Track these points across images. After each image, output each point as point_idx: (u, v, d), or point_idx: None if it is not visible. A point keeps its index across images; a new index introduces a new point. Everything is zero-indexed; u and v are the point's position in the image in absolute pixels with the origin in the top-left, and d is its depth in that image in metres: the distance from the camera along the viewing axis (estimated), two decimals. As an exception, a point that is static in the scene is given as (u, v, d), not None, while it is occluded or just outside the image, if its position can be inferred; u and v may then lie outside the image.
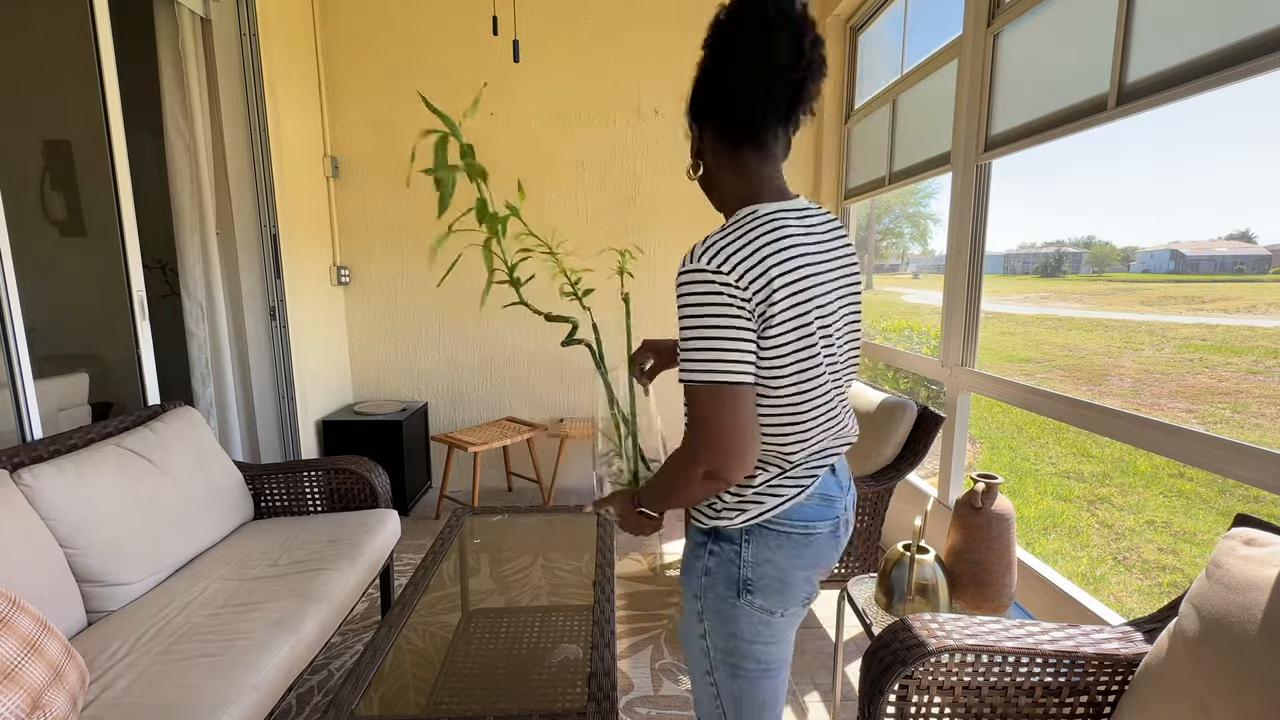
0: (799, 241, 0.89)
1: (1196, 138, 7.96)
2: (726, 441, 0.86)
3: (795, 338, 0.87)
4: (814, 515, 0.97)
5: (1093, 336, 7.48)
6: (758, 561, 0.95)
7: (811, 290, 0.88)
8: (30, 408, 1.87)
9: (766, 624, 0.97)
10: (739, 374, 0.85)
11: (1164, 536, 3.78)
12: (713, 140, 0.98)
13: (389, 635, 1.47)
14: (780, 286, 0.85)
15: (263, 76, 2.70)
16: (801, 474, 0.96)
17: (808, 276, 0.88)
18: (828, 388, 0.93)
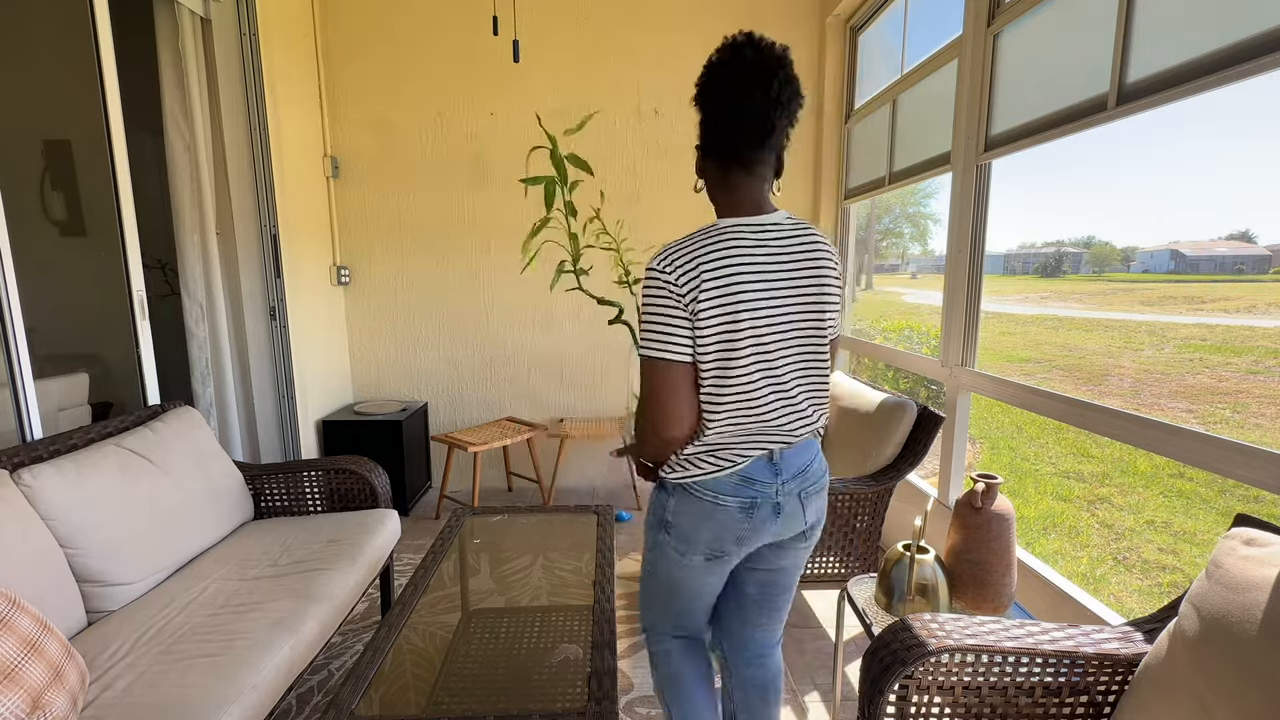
0: (740, 252, 1.07)
1: (1196, 138, 7.94)
2: (664, 406, 1.10)
3: (719, 331, 1.06)
4: (726, 491, 1.15)
5: (1092, 336, 7.48)
6: (675, 512, 1.21)
7: (744, 293, 1.06)
8: (30, 408, 1.87)
9: (674, 556, 1.24)
10: (675, 352, 1.07)
11: (1164, 536, 3.78)
12: (708, 163, 1.17)
13: (389, 635, 1.47)
14: (709, 286, 1.04)
15: (263, 76, 2.70)
16: (726, 454, 1.14)
17: (742, 281, 1.06)
18: (758, 380, 1.09)
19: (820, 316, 1.13)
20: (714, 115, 1.11)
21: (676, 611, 1.37)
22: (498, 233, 3.47)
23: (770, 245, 1.10)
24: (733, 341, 1.06)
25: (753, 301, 1.06)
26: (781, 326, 1.10)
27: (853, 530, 2.08)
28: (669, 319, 1.06)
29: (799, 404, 1.14)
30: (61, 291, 2.75)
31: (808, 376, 1.15)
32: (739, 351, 1.07)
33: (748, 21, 3.33)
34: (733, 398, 1.09)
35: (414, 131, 3.37)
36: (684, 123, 3.43)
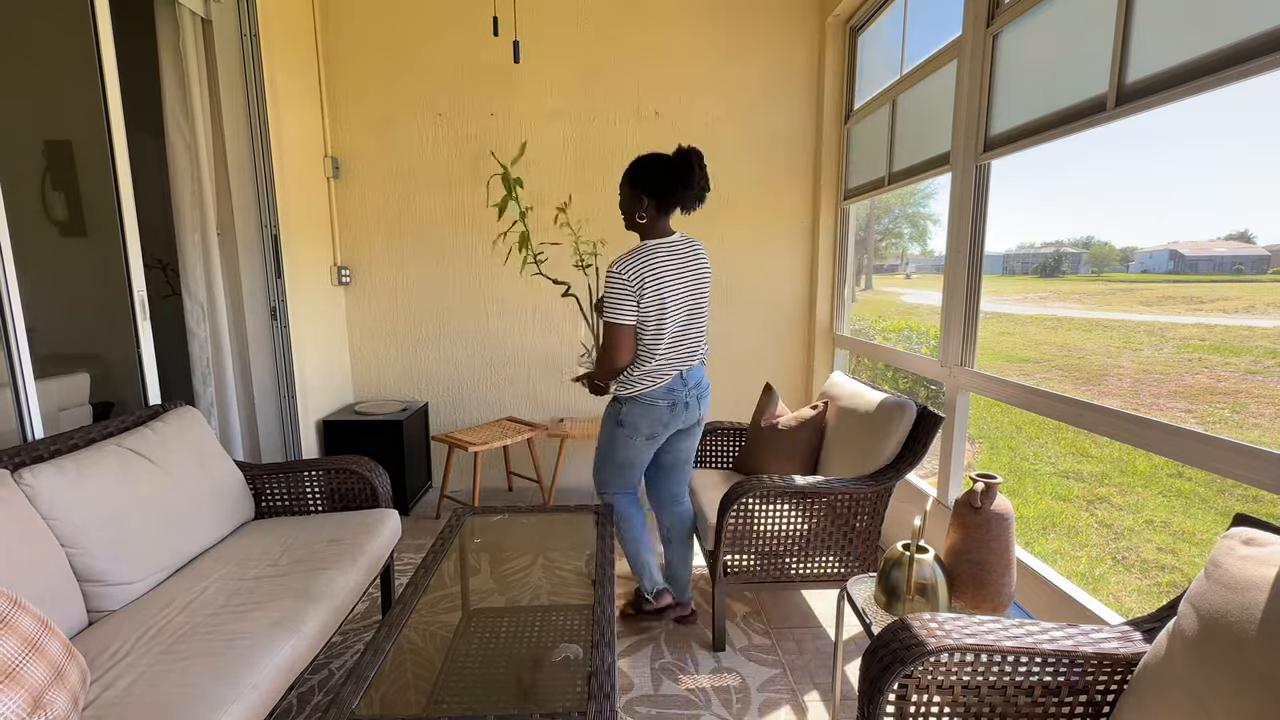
0: (663, 261, 1.92)
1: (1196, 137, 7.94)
2: (621, 349, 1.92)
3: (653, 307, 1.89)
4: (657, 396, 1.99)
5: (1092, 336, 7.48)
6: (627, 413, 2.02)
7: (664, 286, 1.90)
8: (31, 407, 1.87)
9: (627, 440, 2.04)
10: (625, 319, 1.88)
11: (1163, 536, 3.78)
12: (650, 206, 1.95)
13: (389, 635, 1.47)
14: (646, 281, 1.87)
15: (263, 76, 2.71)
16: (656, 375, 1.97)
17: (663, 279, 1.90)
18: (673, 333, 1.94)
19: (701, 292, 2.02)
20: (666, 187, 1.93)
21: (625, 475, 2.13)
22: (498, 233, 3.47)
23: (677, 256, 1.96)
24: (660, 314, 1.90)
25: (668, 291, 1.90)
26: (683, 300, 1.95)
27: (852, 530, 2.08)
28: (625, 300, 1.87)
29: (695, 343, 2.03)
30: (62, 291, 2.75)
31: (697, 327, 2.02)
32: (663, 319, 1.91)
33: (748, 22, 3.34)
34: (662, 344, 1.94)
35: (414, 132, 3.37)
36: (685, 124, 3.44)
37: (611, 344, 1.90)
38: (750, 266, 3.60)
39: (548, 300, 3.55)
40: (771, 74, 3.42)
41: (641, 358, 1.94)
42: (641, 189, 1.93)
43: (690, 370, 2.01)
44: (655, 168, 1.93)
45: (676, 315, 1.92)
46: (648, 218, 1.94)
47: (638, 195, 1.93)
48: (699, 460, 2.73)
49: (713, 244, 3.54)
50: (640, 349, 1.93)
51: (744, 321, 3.65)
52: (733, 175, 3.50)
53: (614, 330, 1.89)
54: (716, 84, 3.41)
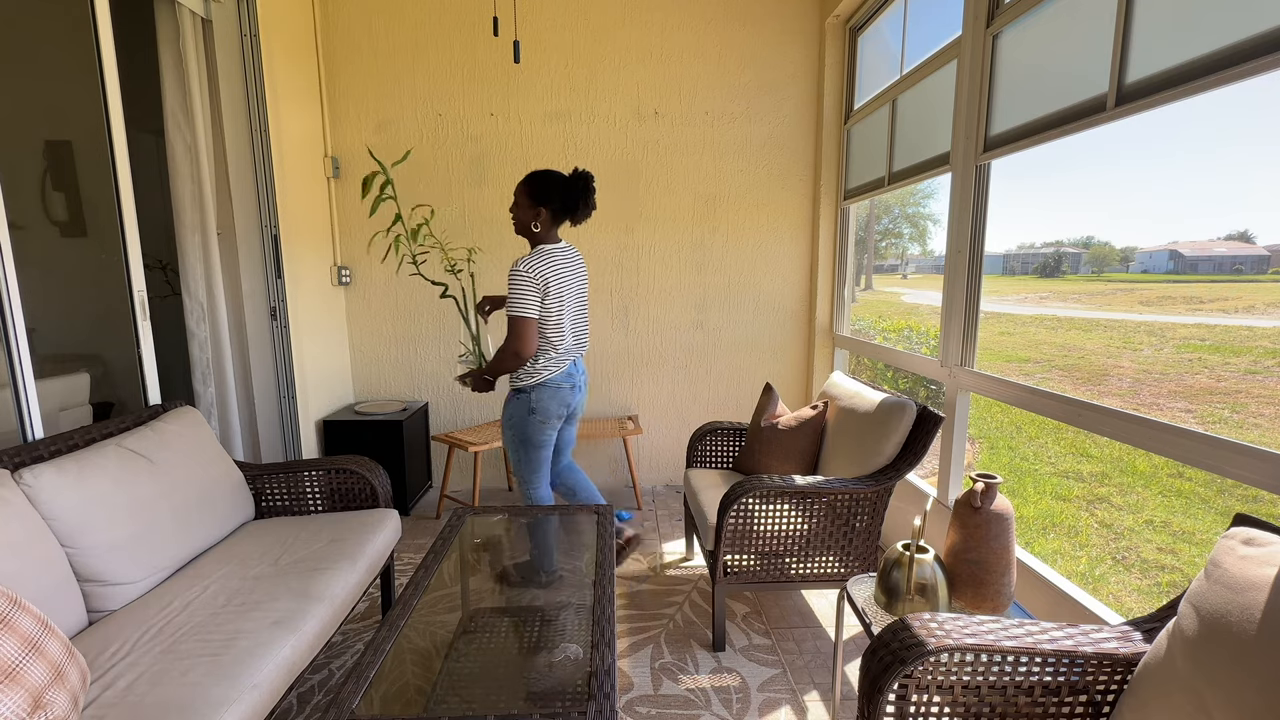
0: (559, 263, 2.17)
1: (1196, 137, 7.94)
2: (528, 340, 2.11)
3: (555, 302, 2.14)
4: (561, 380, 2.23)
5: (1092, 336, 7.48)
6: (538, 400, 2.22)
7: (560, 283, 2.15)
8: (31, 407, 1.87)
9: (541, 425, 2.25)
10: (532, 312, 2.10)
11: (1163, 536, 3.78)
12: (545, 217, 2.19)
13: (389, 635, 1.47)
14: (550, 280, 2.12)
15: (263, 77, 2.71)
16: (560, 362, 2.22)
17: (561, 277, 2.16)
18: (567, 326, 2.21)
19: (585, 292, 2.33)
20: (562, 203, 2.17)
21: (544, 462, 2.33)
22: (498, 233, 3.47)
23: (566, 258, 2.22)
24: (559, 308, 2.16)
25: (563, 287, 2.17)
26: (575, 298, 2.25)
27: (852, 530, 2.08)
28: (530, 295, 2.09)
29: (584, 335, 2.34)
30: (62, 291, 2.75)
31: (583, 321, 2.34)
32: (561, 313, 2.17)
33: (748, 22, 3.34)
34: (561, 335, 2.20)
35: (414, 132, 3.37)
36: (685, 124, 3.44)
37: (521, 334, 2.09)
38: (750, 266, 3.60)
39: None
40: (771, 74, 3.42)
41: (545, 348, 2.18)
42: (539, 202, 2.16)
43: (579, 360, 2.34)
44: (554, 184, 2.16)
45: (570, 310, 2.22)
46: (542, 226, 2.18)
47: (535, 207, 2.17)
48: (699, 460, 2.73)
49: (713, 243, 3.56)
50: (544, 340, 2.17)
51: (744, 321, 3.65)
52: (733, 175, 3.50)
53: (522, 322, 2.09)
54: (716, 84, 3.41)
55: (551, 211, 2.17)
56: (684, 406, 3.70)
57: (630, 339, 3.62)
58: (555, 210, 2.17)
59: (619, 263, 3.55)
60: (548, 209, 2.16)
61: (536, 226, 2.18)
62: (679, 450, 3.73)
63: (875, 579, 1.63)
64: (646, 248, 3.54)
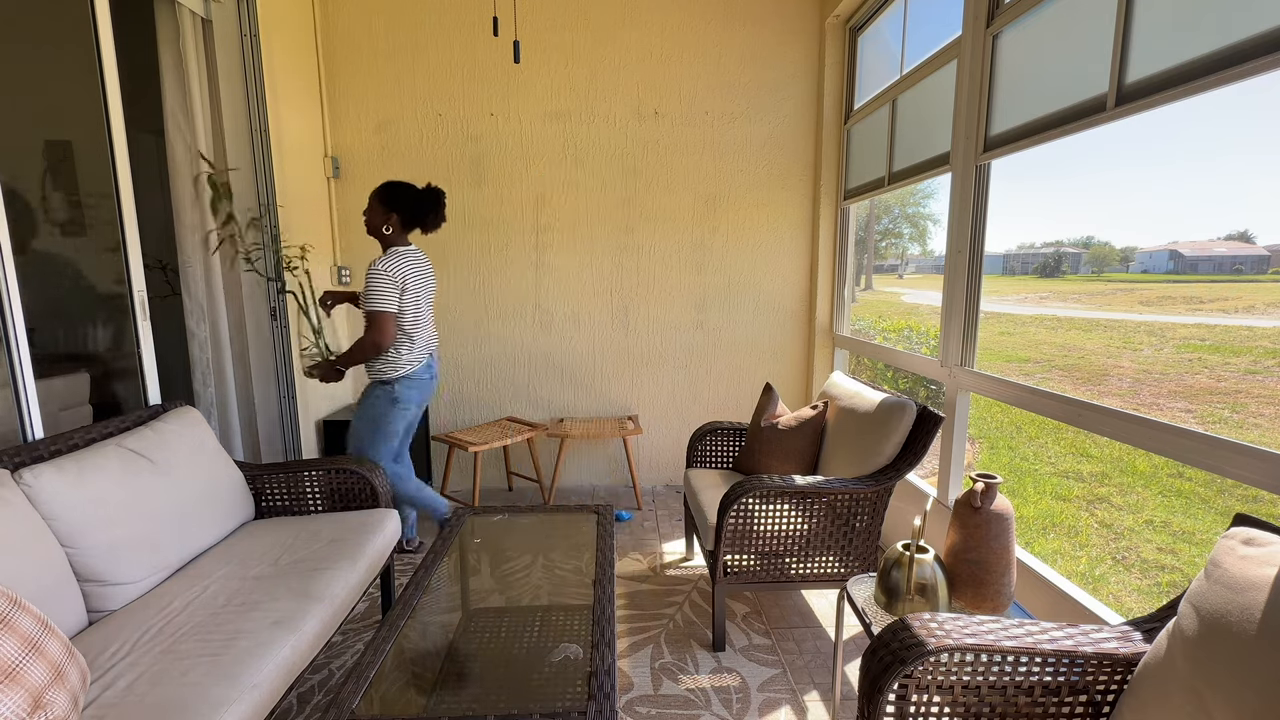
0: (412, 263, 2.41)
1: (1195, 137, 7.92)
2: (386, 332, 2.33)
3: (411, 299, 2.39)
4: (421, 373, 2.49)
5: (1092, 336, 7.48)
6: (401, 389, 2.45)
7: (415, 282, 2.41)
8: (31, 407, 1.87)
9: (402, 412, 2.48)
10: (390, 306, 2.33)
11: (1163, 536, 3.78)
12: (396, 221, 2.43)
13: (389, 635, 1.47)
14: (408, 278, 2.37)
15: (263, 77, 2.70)
16: (420, 355, 2.48)
17: (415, 276, 2.41)
18: (423, 322, 2.48)
19: (433, 292, 2.56)
20: (413, 210, 2.43)
21: (392, 443, 2.53)
22: (498, 233, 3.47)
23: (417, 259, 2.46)
24: (415, 304, 2.41)
25: (418, 285, 2.42)
26: (426, 296, 2.49)
27: (852, 530, 2.08)
28: (389, 291, 2.31)
29: (434, 332, 2.60)
30: (62, 292, 2.75)
31: (430, 319, 2.55)
32: (417, 309, 2.43)
33: (748, 22, 3.34)
34: (419, 330, 2.45)
35: (414, 132, 3.37)
36: (685, 124, 3.44)
37: (380, 327, 2.30)
38: (750, 266, 3.60)
39: (548, 300, 3.55)
40: (772, 74, 3.42)
41: (405, 342, 2.41)
42: (391, 208, 2.41)
43: (433, 354, 2.60)
44: (405, 195, 2.41)
45: (423, 309, 2.47)
46: (393, 230, 2.43)
47: (387, 213, 2.41)
48: (699, 460, 2.73)
49: (713, 243, 3.56)
50: (404, 334, 2.40)
51: (744, 321, 3.65)
52: (733, 175, 3.50)
53: (382, 316, 2.30)
54: (716, 84, 3.41)
55: (401, 219, 2.42)
56: (684, 406, 3.70)
57: (630, 339, 3.62)
58: (405, 218, 2.42)
59: (619, 263, 3.54)
60: (398, 216, 2.41)
61: (388, 230, 2.42)
62: (679, 450, 3.73)
63: (875, 579, 1.63)
64: (646, 248, 3.54)
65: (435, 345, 2.60)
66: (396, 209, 2.40)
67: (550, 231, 3.50)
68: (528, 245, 3.50)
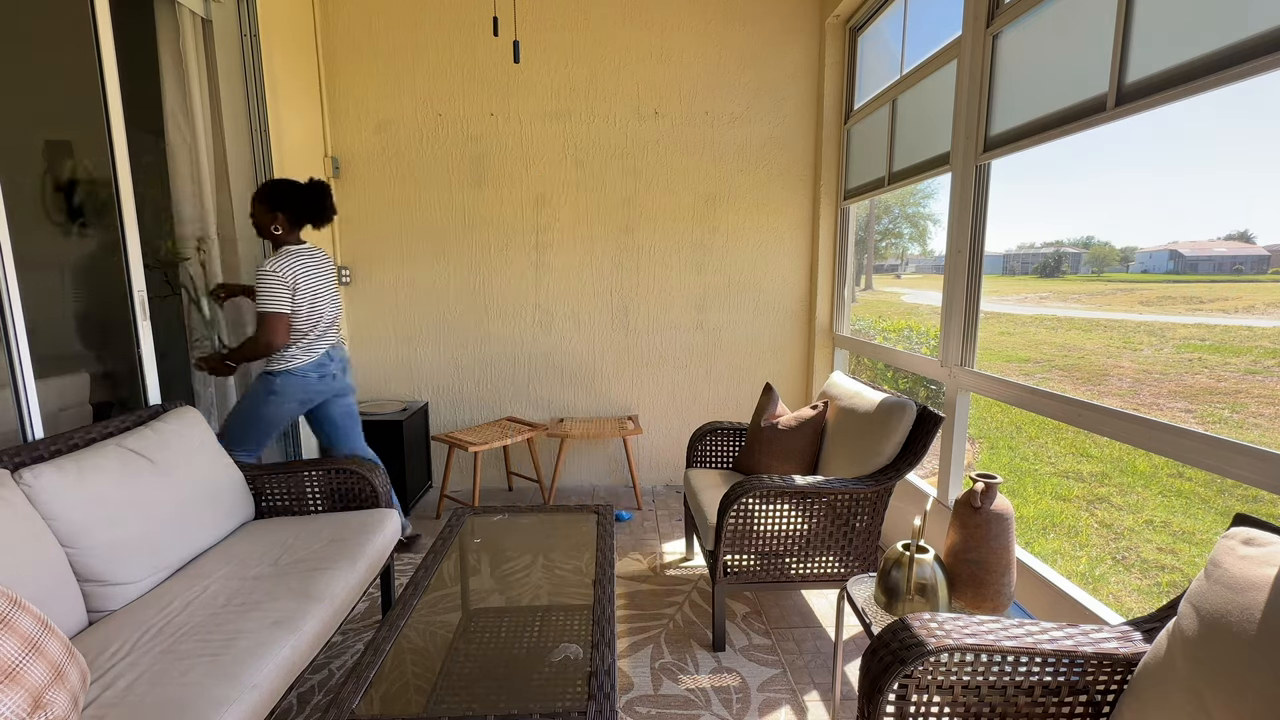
0: (305, 262, 2.36)
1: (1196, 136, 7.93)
2: (278, 331, 2.28)
3: (306, 297, 2.34)
4: (309, 370, 2.42)
5: (1092, 336, 7.48)
6: (281, 383, 2.37)
7: (308, 280, 2.35)
8: (31, 407, 1.87)
9: (275, 407, 2.39)
10: (282, 308, 2.27)
11: (1163, 536, 3.78)
12: (283, 220, 2.37)
13: (389, 635, 1.47)
14: (299, 277, 2.31)
15: (263, 76, 2.70)
16: (310, 352, 2.42)
17: (307, 275, 2.35)
18: (317, 320, 2.40)
19: (332, 285, 2.52)
20: (299, 207, 2.37)
21: (262, 436, 2.42)
22: (498, 233, 3.47)
23: (313, 258, 2.42)
24: (308, 303, 2.35)
25: (311, 283, 2.36)
26: (323, 291, 2.43)
27: (852, 530, 2.08)
28: (281, 292, 2.26)
29: (335, 325, 2.52)
30: (62, 291, 2.75)
31: (334, 312, 2.49)
32: (309, 307, 2.36)
33: (748, 22, 3.34)
34: (315, 327, 2.40)
35: (414, 132, 3.37)
36: (685, 124, 3.44)
37: (271, 328, 2.26)
38: (750, 266, 3.60)
39: (548, 300, 3.55)
40: (771, 74, 3.42)
41: (298, 339, 2.37)
42: (275, 207, 2.34)
43: (335, 348, 2.52)
44: (288, 192, 2.35)
45: (321, 304, 2.40)
46: (281, 229, 2.37)
47: (271, 212, 2.35)
48: (699, 460, 2.73)
49: (713, 243, 3.56)
50: (295, 331, 2.35)
51: (744, 321, 3.65)
52: (733, 175, 3.50)
53: (273, 317, 2.26)
54: (716, 84, 3.41)
55: (288, 217, 2.36)
56: (684, 406, 3.70)
57: (630, 339, 3.62)
58: (291, 216, 2.36)
59: (619, 263, 3.54)
60: (284, 214, 2.35)
61: (276, 229, 2.36)
62: (679, 450, 3.73)
63: (875, 579, 1.63)
64: (646, 248, 3.54)
65: (335, 345, 2.51)
66: (281, 208, 2.33)
67: (550, 231, 3.50)
68: (528, 245, 3.50)
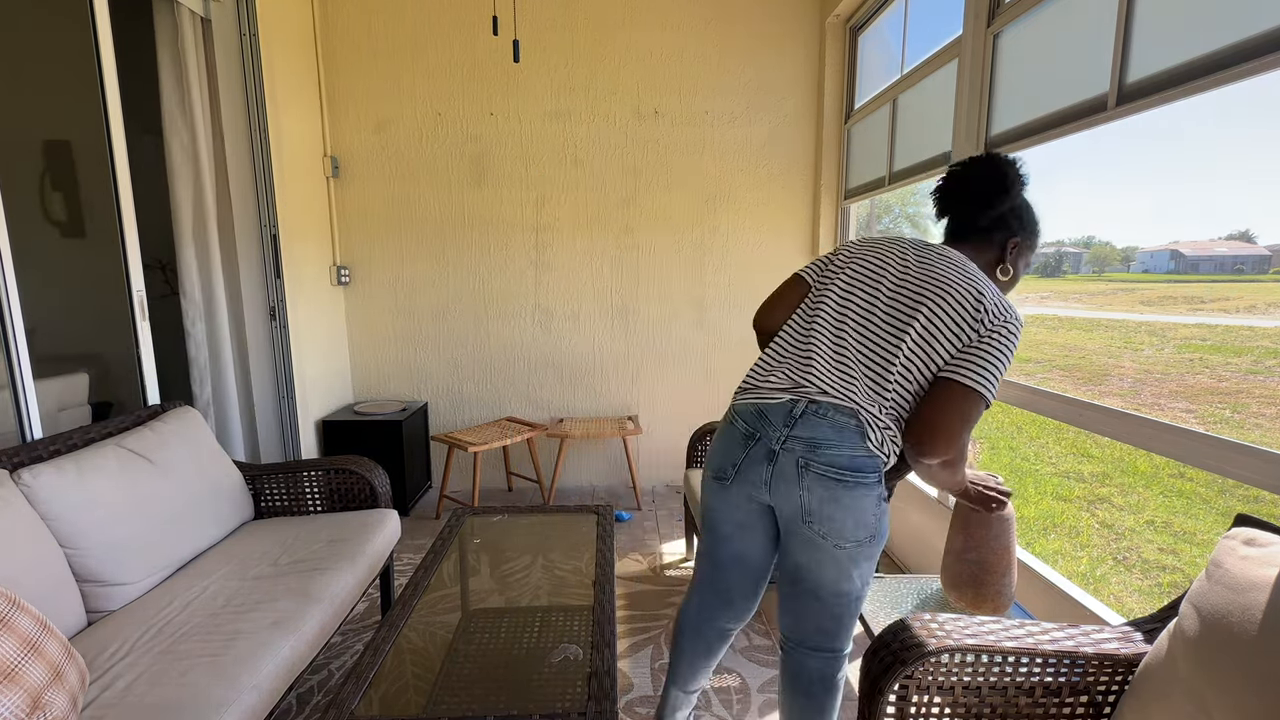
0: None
1: (1196, 136, 7.90)
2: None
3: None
4: (742, 415, 1.32)
5: (1093, 336, 7.47)
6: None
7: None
8: (30, 407, 1.87)
9: (704, 470, 1.42)
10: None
11: (1164, 536, 3.78)
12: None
13: (389, 635, 1.47)
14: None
15: (263, 76, 2.70)
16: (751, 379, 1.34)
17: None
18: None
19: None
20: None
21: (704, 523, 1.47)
22: (498, 233, 3.47)
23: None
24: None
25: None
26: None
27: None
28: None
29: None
30: (61, 292, 2.75)
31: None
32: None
33: (748, 21, 3.34)
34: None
35: (414, 131, 3.36)
36: (685, 124, 3.43)
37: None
38: (750, 266, 3.60)
39: (548, 300, 3.55)
40: (772, 73, 3.42)
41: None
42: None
43: (809, 412, 1.35)
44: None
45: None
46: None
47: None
48: (699, 460, 2.72)
49: (713, 243, 3.55)
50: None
51: (744, 321, 3.65)
52: (732, 174, 3.50)
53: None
54: (716, 83, 3.41)
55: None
56: (684, 406, 3.69)
57: (630, 339, 3.61)
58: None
59: (619, 262, 3.54)
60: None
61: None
62: (679, 450, 3.72)
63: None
64: (646, 248, 3.54)
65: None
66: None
67: (550, 231, 3.50)
68: (528, 245, 3.50)
